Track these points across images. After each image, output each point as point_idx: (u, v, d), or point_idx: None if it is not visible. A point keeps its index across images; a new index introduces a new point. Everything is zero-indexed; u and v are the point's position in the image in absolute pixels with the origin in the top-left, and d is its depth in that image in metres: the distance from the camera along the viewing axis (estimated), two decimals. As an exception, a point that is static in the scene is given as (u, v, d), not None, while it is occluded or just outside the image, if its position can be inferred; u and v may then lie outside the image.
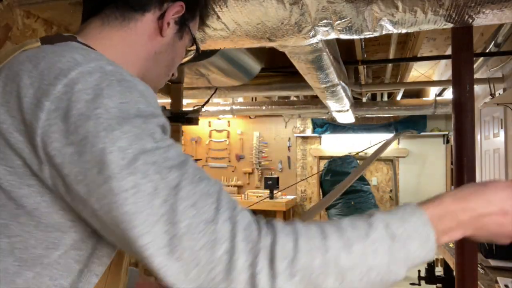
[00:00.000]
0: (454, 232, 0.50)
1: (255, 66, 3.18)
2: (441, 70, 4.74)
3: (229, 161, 6.76)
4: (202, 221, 0.45)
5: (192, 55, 0.79)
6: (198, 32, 0.84)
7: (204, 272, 0.44)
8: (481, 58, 3.24)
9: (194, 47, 0.78)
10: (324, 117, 5.94)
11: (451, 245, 2.82)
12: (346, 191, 5.23)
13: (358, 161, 5.66)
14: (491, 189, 0.52)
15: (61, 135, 0.46)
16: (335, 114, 4.63)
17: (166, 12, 0.68)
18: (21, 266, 0.49)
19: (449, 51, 3.93)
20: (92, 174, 0.45)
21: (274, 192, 5.79)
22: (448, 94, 4.71)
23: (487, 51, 3.08)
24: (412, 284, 3.48)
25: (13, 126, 0.48)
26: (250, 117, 6.60)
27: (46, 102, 0.47)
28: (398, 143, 6.00)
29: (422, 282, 3.38)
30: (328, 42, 2.38)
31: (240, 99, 5.58)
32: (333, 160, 5.49)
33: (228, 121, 6.77)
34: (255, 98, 5.52)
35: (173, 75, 0.79)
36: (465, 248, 1.66)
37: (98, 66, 0.50)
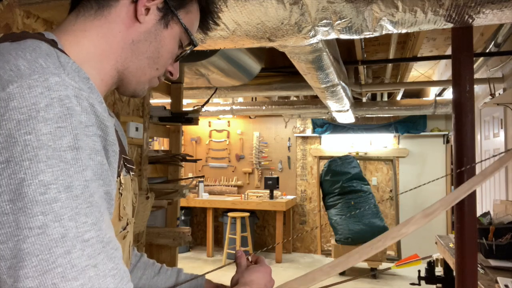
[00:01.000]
0: None
1: (255, 66, 3.18)
2: (441, 70, 4.74)
3: (229, 161, 6.76)
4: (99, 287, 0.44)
5: (189, 50, 0.71)
6: (199, 30, 0.77)
7: None
8: (481, 58, 3.25)
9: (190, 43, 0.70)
10: (324, 117, 5.94)
11: (451, 245, 2.82)
12: (346, 191, 5.23)
13: (357, 161, 5.66)
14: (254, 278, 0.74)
15: None
16: (335, 114, 4.63)
17: None
18: None
19: (449, 51, 3.93)
20: (1, 199, 0.43)
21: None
22: (448, 94, 4.71)
23: (487, 51, 3.08)
24: (412, 284, 3.48)
25: None
26: (250, 117, 6.60)
27: None
28: (398, 143, 6.00)
29: (422, 282, 3.38)
30: (328, 42, 2.38)
31: (240, 99, 5.58)
32: (333, 160, 5.49)
33: (228, 121, 6.77)
34: (255, 98, 5.52)
35: (172, 74, 0.71)
36: (465, 248, 1.66)
37: (42, 78, 0.46)
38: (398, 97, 5.13)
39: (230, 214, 5.56)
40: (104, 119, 0.52)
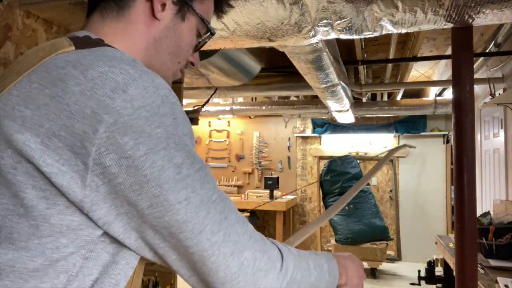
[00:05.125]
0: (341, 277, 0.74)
1: (255, 66, 3.18)
2: (441, 70, 4.75)
3: (229, 161, 6.75)
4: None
5: (207, 39, 0.73)
6: (214, 14, 0.77)
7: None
8: (481, 58, 3.25)
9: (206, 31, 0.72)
10: (324, 117, 5.94)
11: (451, 244, 2.82)
12: (346, 191, 5.23)
13: (358, 161, 5.66)
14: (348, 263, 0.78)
15: (119, 148, 0.48)
16: (335, 114, 4.63)
17: None
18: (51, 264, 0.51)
19: (449, 51, 3.93)
20: (149, 186, 0.50)
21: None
22: (448, 94, 4.71)
23: (487, 51, 3.08)
24: (412, 284, 3.48)
25: (49, 128, 0.49)
26: (250, 117, 6.60)
27: (105, 116, 0.48)
28: (399, 143, 6.00)
29: (422, 282, 3.38)
30: (328, 42, 2.38)
31: (240, 99, 5.58)
32: (333, 160, 5.49)
33: (228, 121, 6.77)
34: (255, 98, 5.51)
35: (193, 64, 0.74)
36: (465, 248, 1.66)
37: (150, 80, 0.52)
38: (398, 97, 5.13)
39: (230, 214, 5.54)
40: None
